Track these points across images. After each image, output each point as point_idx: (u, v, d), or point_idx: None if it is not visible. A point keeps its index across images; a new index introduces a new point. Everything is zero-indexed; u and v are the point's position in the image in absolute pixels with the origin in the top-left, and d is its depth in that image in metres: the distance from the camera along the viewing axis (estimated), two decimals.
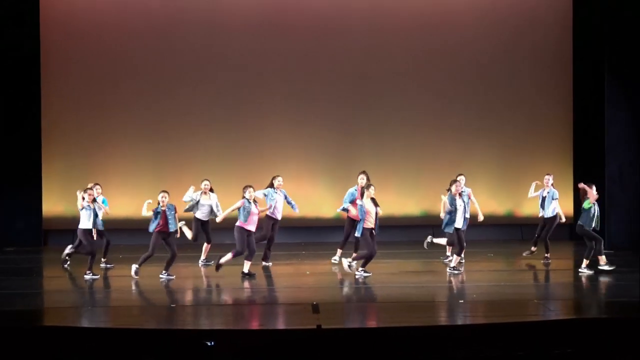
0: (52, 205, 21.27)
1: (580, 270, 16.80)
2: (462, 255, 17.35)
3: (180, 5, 21.65)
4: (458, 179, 17.26)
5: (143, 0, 21.66)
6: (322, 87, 21.86)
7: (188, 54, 21.69)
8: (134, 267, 16.50)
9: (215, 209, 17.75)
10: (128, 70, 21.57)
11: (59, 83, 21.39)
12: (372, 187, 16.39)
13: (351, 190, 17.70)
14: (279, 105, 21.78)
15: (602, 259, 16.95)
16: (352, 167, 20.95)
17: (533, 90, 22.09)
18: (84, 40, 21.44)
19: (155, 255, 16.45)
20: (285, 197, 17.81)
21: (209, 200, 17.83)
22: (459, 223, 16.96)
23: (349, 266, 16.56)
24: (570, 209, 20.89)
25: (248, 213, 16.40)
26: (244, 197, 16.48)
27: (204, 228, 17.95)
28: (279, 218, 17.74)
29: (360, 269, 16.51)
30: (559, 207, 18.14)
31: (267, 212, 17.53)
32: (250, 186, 16.61)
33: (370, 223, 16.21)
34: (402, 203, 19.65)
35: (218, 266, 16.65)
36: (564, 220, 18.38)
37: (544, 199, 18.16)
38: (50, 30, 21.25)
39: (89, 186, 17.22)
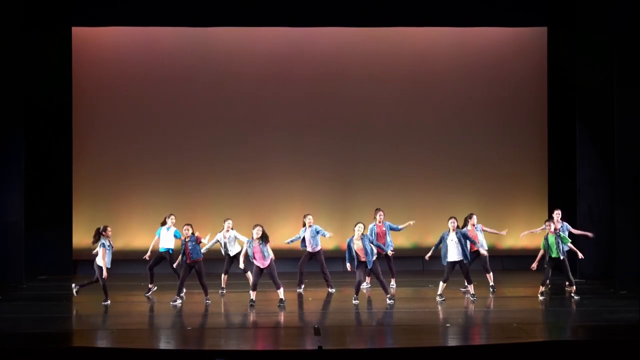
0: (80, 239, 21.18)
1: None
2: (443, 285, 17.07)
3: (193, 62, 21.76)
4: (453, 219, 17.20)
5: (160, 62, 21.71)
6: (323, 132, 21.88)
7: (200, 109, 21.80)
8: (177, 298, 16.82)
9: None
10: (146, 122, 21.71)
11: (87, 134, 21.56)
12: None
13: (371, 226, 18.09)
14: (284, 147, 21.82)
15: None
16: (348, 204, 21.51)
17: (512, 137, 22.04)
18: (109, 97, 21.62)
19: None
20: (317, 231, 18.00)
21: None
22: (452, 257, 16.90)
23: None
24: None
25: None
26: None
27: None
28: (309, 250, 18.01)
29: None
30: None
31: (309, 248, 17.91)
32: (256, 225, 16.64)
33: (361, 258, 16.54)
34: (394, 236, 19.49)
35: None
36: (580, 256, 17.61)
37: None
38: (80, 87, 21.39)
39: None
